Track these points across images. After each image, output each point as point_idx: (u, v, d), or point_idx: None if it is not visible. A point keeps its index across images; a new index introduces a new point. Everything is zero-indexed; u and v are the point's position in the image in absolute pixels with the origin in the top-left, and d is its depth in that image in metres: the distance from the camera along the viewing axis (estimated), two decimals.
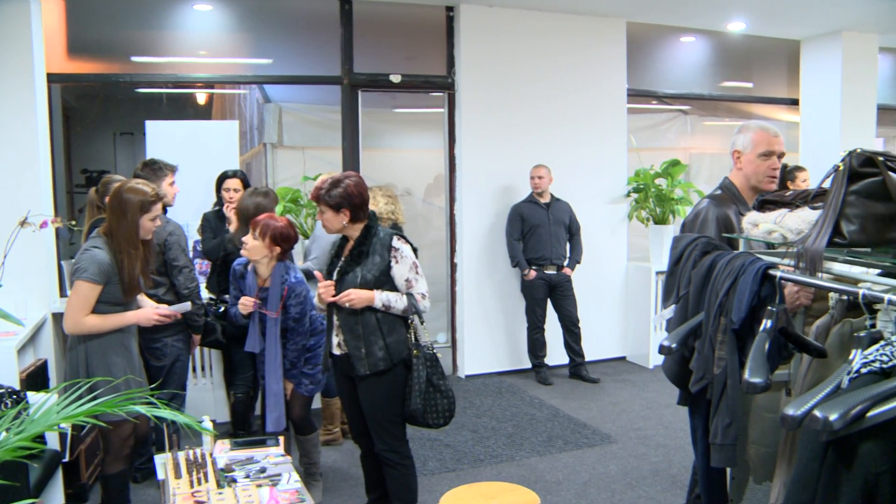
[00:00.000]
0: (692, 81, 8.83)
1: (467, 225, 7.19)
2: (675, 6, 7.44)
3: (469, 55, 7.07)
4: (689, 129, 9.37)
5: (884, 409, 1.59)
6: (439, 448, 5.35)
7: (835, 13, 7.92)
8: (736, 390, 2.29)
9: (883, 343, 1.86)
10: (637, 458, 5.18)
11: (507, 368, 7.40)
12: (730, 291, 2.25)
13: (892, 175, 2.11)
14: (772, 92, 9.53)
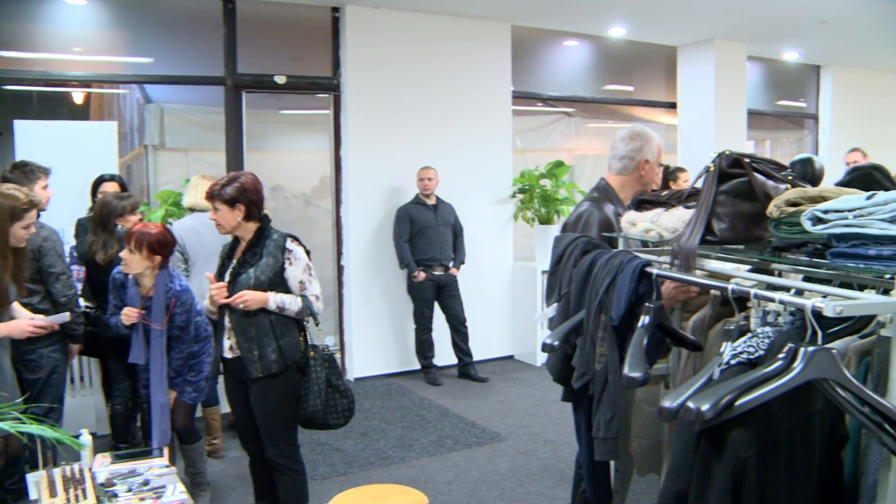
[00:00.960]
0: (576, 84, 9.04)
1: (354, 227, 7.15)
2: (558, 11, 7.60)
3: (355, 57, 7.04)
4: (573, 131, 9.58)
5: (750, 398, 1.66)
6: (329, 452, 5.31)
7: (707, 22, 8.28)
8: (617, 385, 2.35)
9: (750, 335, 1.95)
10: (526, 455, 5.27)
11: (396, 370, 7.40)
12: (609, 289, 2.32)
13: (758, 176, 2.21)
14: (651, 95, 9.87)
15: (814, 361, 1.68)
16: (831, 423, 1.96)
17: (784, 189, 2.21)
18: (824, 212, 1.89)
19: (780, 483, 1.85)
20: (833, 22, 8.30)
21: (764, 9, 7.70)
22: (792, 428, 1.86)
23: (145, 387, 4.09)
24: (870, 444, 1.90)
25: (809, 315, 1.69)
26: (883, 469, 1.81)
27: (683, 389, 1.78)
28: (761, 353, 1.90)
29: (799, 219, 1.96)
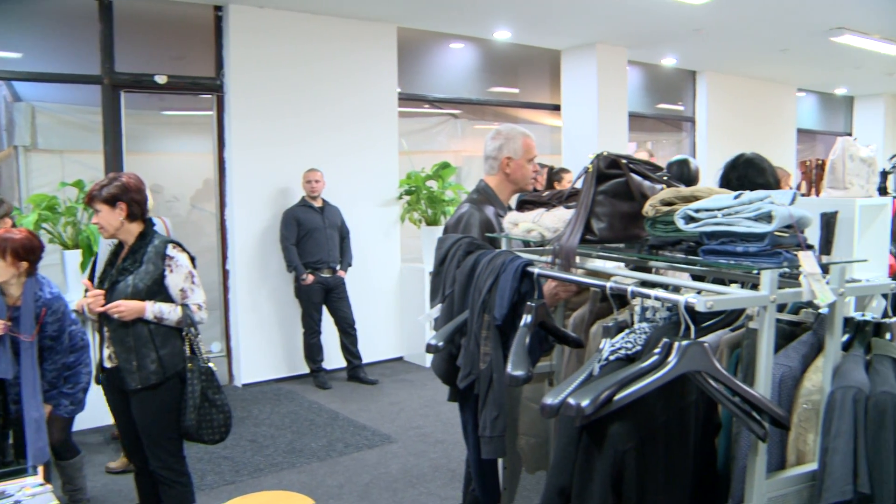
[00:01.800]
0: (462, 86, 9.12)
1: (239, 230, 7.01)
2: (444, 14, 7.65)
3: (239, 57, 6.90)
4: (460, 133, 9.66)
5: (628, 392, 1.70)
6: (217, 461, 5.18)
7: (589, 27, 8.49)
8: (501, 384, 2.38)
9: (628, 331, 2.01)
10: (417, 456, 5.28)
11: (285, 375, 7.30)
12: (492, 289, 2.34)
13: (634, 177, 2.28)
14: (536, 98, 10.05)
15: (687, 355, 1.74)
16: (705, 413, 2.04)
17: (659, 189, 2.28)
18: (696, 211, 1.96)
19: (658, 473, 1.91)
20: (707, 30, 8.65)
21: (643, 16, 7.95)
22: (668, 419, 1.92)
23: (15, 402, 3.86)
24: (740, 431, 1.99)
25: (682, 310, 1.75)
26: (751, 454, 1.90)
27: (564, 386, 1.81)
28: (638, 348, 1.96)
29: (673, 218, 2.03)
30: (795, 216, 1.87)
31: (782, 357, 2.04)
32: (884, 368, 1.95)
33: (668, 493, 1.94)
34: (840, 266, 1.95)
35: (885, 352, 2.00)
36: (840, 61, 10.74)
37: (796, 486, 2.00)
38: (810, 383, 2.03)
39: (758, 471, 1.90)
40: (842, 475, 1.85)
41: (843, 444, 1.86)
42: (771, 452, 2.01)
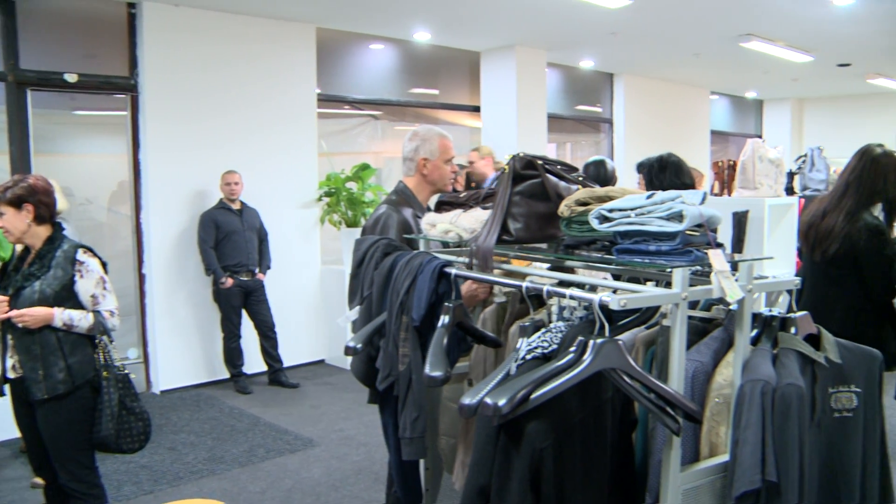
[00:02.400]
0: (382, 88, 9.09)
1: (155, 233, 6.84)
2: (363, 14, 7.62)
3: (153, 56, 6.74)
4: (380, 134, 9.63)
5: (545, 391, 1.72)
6: (135, 470, 5.05)
7: (508, 29, 8.56)
8: (420, 385, 2.38)
9: (544, 331, 2.03)
10: (339, 459, 5.24)
11: (205, 380, 7.15)
12: (410, 290, 2.33)
13: (550, 177, 2.30)
14: (456, 99, 10.09)
15: (602, 353, 1.76)
16: (622, 410, 2.08)
17: (575, 189, 2.31)
18: (610, 211, 2.00)
19: (576, 469, 1.93)
20: (623, 34, 8.81)
21: (561, 19, 8.05)
22: (585, 416, 1.94)
23: None
24: (655, 426, 2.03)
25: (597, 309, 1.77)
26: (666, 448, 1.94)
27: (482, 386, 1.82)
28: (555, 347, 1.98)
29: (587, 218, 2.05)
30: (705, 215, 1.92)
31: (694, 353, 2.09)
32: (789, 361, 2.02)
33: (587, 489, 1.96)
34: (748, 263, 2.01)
35: (791, 345, 2.06)
36: (750, 66, 11.09)
37: (709, 477, 2.05)
38: (721, 378, 2.09)
39: (672, 464, 1.94)
40: (751, 465, 1.91)
41: (752, 436, 1.92)
42: (685, 446, 2.05)
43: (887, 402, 3.75)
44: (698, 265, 1.95)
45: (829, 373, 2.12)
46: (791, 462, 1.92)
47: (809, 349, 2.08)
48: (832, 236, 3.68)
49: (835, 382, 2.15)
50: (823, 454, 2.13)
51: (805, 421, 1.98)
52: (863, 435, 2.22)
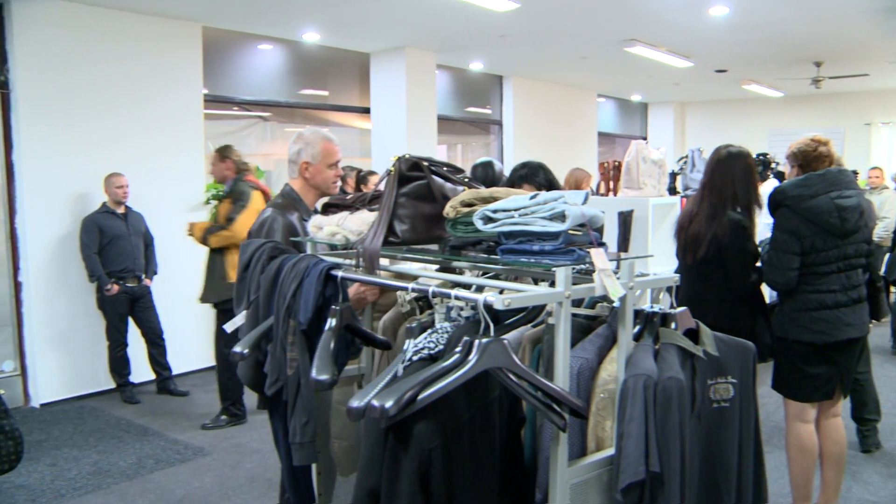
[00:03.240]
0: (271, 89, 8.96)
1: (32, 239, 6.54)
2: (250, 14, 7.49)
3: (26, 53, 6.43)
4: (269, 136, 9.49)
5: (432, 391, 1.72)
6: (10, 491, 4.80)
7: (398, 31, 8.57)
8: (309, 389, 2.35)
9: (430, 331, 2.03)
10: (232, 468, 5.13)
11: (89, 391, 6.88)
12: (296, 293, 2.30)
13: (436, 178, 2.31)
14: (346, 100, 10.04)
15: (487, 352, 1.77)
16: (509, 408, 2.10)
17: (461, 191, 2.32)
18: (494, 211, 2.01)
19: (466, 468, 1.94)
20: (511, 37, 8.95)
21: (451, 21, 8.11)
22: (473, 415, 1.96)
23: None
24: (544, 423, 2.06)
25: (482, 309, 1.79)
26: (553, 444, 1.97)
27: (370, 388, 1.81)
28: (441, 347, 1.98)
29: (472, 218, 2.07)
30: (587, 215, 1.95)
31: (579, 350, 2.13)
32: (670, 356, 2.08)
33: (476, 487, 1.98)
34: (629, 261, 2.06)
35: (671, 340, 2.13)
36: (634, 70, 11.43)
37: (597, 470, 2.09)
38: (606, 373, 2.13)
39: (560, 459, 1.97)
40: (635, 457, 1.95)
41: (636, 429, 1.97)
42: (572, 441, 2.09)
43: (762, 392, 3.93)
44: (581, 264, 1.99)
45: (708, 365, 2.20)
46: (673, 452, 1.98)
47: (689, 343, 2.15)
48: (700, 240, 3.88)
49: (713, 374, 2.23)
50: (703, 443, 2.21)
51: (685, 412, 2.04)
52: (739, 423, 2.31)
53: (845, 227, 3.60)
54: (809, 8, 7.64)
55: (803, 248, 3.62)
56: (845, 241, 3.65)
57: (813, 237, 3.60)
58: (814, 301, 3.67)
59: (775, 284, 3.71)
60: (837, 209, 3.59)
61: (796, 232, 3.61)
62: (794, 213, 3.62)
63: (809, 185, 3.64)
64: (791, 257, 3.63)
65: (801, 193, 3.62)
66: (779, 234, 3.68)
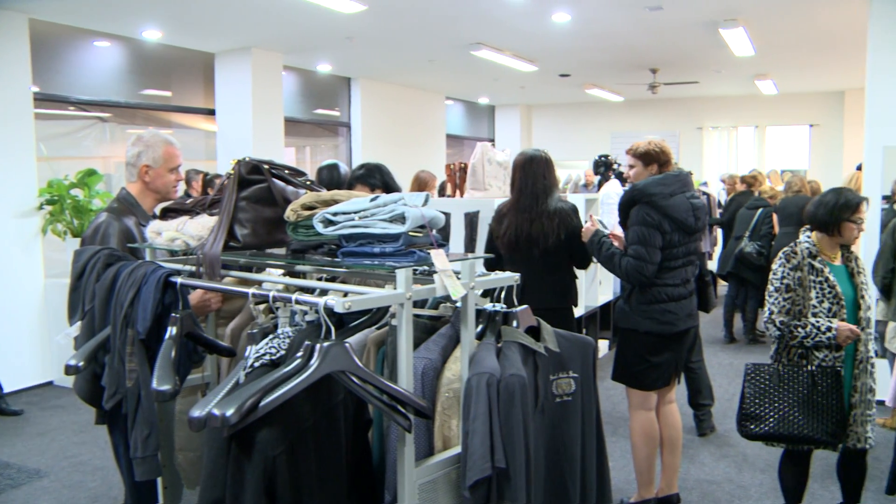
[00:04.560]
0: (110, 88, 8.59)
1: None
2: (81, 6, 7.14)
3: None
4: (109, 137, 9.08)
5: (273, 398, 1.70)
6: None
7: (243, 31, 8.41)
8: (150, 400, 2.28)
9: (271, 337, 2.01)
10: (72, 489, 4.88)
11: None
12: (134, 301, 2.23)
13: (277, 182, 2.29)
14: (190, 101, 9.77)
15: (329, 356, 1.77)
16: (355, 411, 2.10)
17: (302, 194, 2.31)
18: (334, 214, 2.01)
19: (311, 474, 1.93)
20: (359, 39, 8.95)
21: (297, 22, 8.03)
22: (318, 420, 1.95)
23: None
24: (390, 424, 2.07)
25: (322, 312, 1.78)
26: (399, 445, 1.98)
27: (211, 397, 1.77)
28: (283, 352, 1.96)
29: (312, 222, 2.06)
30: (427, 217, 1.98)
31: (423, 350, 2.16)
32: (512, 353, 2.13)
33: (324, 492, 1.97)
34: (470, 261, 2.10)
35: (513, 338, 2.18)
36: (481, 73, 11.66)
37: (444, 469, 2.12)
38: (450, 373, 2.17)
39: (406, 460, 1.99)
40: (481, 454, 1.99)
41: (481, 426, 2.01)
42: (419, 441, 2.11)
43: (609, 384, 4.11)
44: (423, 265, 2.01)
45: (549, 361, 2.27)
46: (518, 448, 2.03)
47: (530, 340, 2.21)
48: (546, 234, 4.04)
49: (555, 370, 2.31)
50: (548, 437, 2.28)
51: (528, 408, 2.10)
52: (582, 416, 2.39)
53: (697, 225, 3.88)
54: (645, 19, 8.04)
55: (663, 243, 3.81)
56: (691, 238, 3.89)
57: (672, 233, 3.81)
58: (662, 294, 3.87)
59: (641, 277, 3.84)
60: (692, 208, 3.82)
61: (659, 227, 3.79)
62: (657, 210, 3.80)
63: (668, 183, 3.84)
64: (657, 251, 3.81)
65: (662, 191, 3.81)
66: (643, 230, 3.81)
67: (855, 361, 3.58)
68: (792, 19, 8.15)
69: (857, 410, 3.56)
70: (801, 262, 3.59)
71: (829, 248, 3.65)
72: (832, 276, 3.55)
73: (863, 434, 3.57)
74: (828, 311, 3.52)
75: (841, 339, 3.45)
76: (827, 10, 7.66)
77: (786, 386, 3.51)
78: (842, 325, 3.45)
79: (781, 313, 3.57)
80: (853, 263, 3.67)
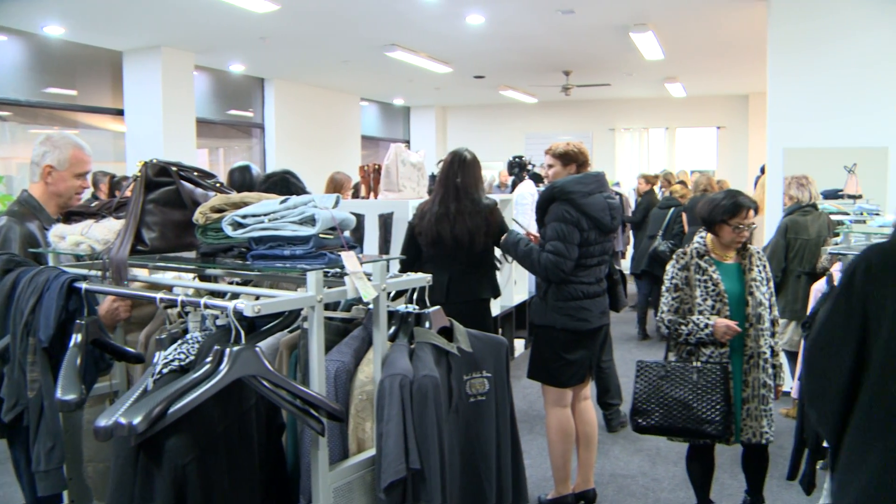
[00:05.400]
0: (9, 86, 8.28)
1: None
2: None
3: None
4: (8, 137, 8.76)
5: (182, 404, 1.67)
6: None
7: (152, 28, 8.21)
8: (54, 411, 2.20)
9: (180, 342, 1.97)
10: None
11: None
12: (36, 308, 2.15)
13: (185, 184, 2.24)
14: (97, 101, 9.50)
15: (239, 360, 1.75)
16: (268, 416, 2.08)
17: (212, 196, 2.27)
18: (243, 217, 1.99)
19: (223, 480, 1.90)
20: (272, 39, 8.83)
21: (208, 21, 7.88)
22: (229, 426, 1.92)
23: None
24: (304, 428, 2.06)
25: (232, 316, 1.76)
26: (313, 449, 1.97)
27: (118, 405, 1.74)
28: (192, 358, 1.93)
29: (221, 224, 2.03)
30: (338, 218, 1.98)
31: (335, 353, 2.15)
32: (424, 354, 2.15)
33: (236, 499, 1.95)
34: (381, 263, 2.10)
35: (426, 339, 2.20)
36: (396, 74, 11.65)
37: (359, 472, 2.12)
38: (363, 375, 2.17)
39: (320, 464, 1.98)
40: (395, 456, 2.00)
41: (394, 428, 2.01)
42: (333, 445, 2.11)
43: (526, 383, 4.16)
44: (333, 267, 2.00)
45: (463, 361, 2.29)
46: (432, 448, 2.05)
47: (443, 341, 2.23)
48: (469, 231, 4.09)
49: (468, 370, 2.33)
50: (463, 437, 2.30)
51: (442, 409, 2.11)
52: (496, 415, 2.42)
53: (613, 224, 3.96)
54: (558, 22, 8.16)
55: (580, 240, 3.87)
56: (606, 237, 3.96)
57: (589, 231, 3.87)
58: (578, 291, 3.93)
59: (559, 274, 3.86)
60: (609, 208, 3.90)
61: (578, 225, 3.84)
62: (576, 208, 3.85)
63: (587, 182, 3.90)
64: (576, 248, 3.86)
65: (581, 190, 3.86)
66: (562, 226, 3.84)
67: (744, 357, 3.64)
68: (698, 25, 8.40)
69: (751, 405, 3.63)
70: (689, 261, 3.70)
71: (720, 247, 3.74)
72: (716, 275, 3.63)
73: (758, 429, 3.63)
74: (711, 309, 3.59)
75: (718, 335, 3.53)
76: (730, 16, 7.92)
77: (671, 382, 3.58)
78: (719, 321, 3.53)
79: (670, 312, 3.67)
80: (747, 261, 3.72)
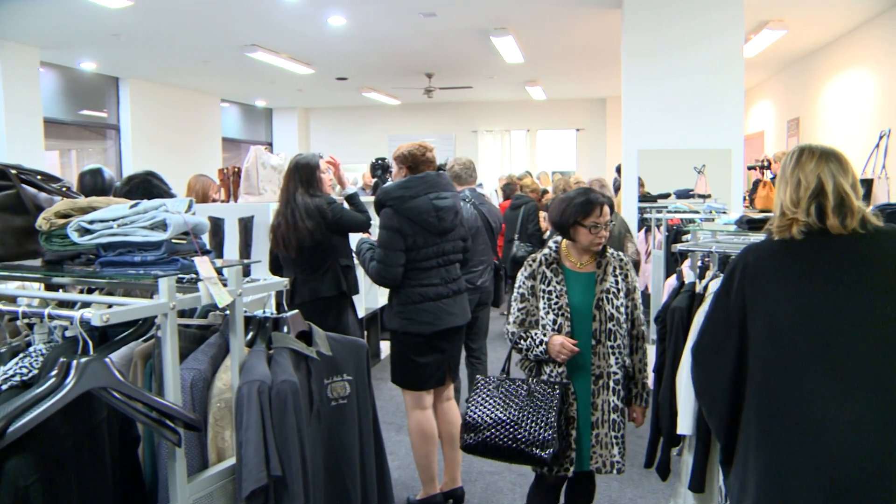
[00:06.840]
0: None
1: None
2: None
3: None
4: None
5: (24, 422, 1.58)
6: None
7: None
8: None
9: (22, 356, 1.87)
10: None
11: None
12: None
13: (27, 188, 2.14)
14: None
15: (87, 373, 1.68)
16: (121, 429, 2.00)
17: (57, 201, 2.17)
18: (90, 222, 1.91)
19: (73, 500, 1.81)
20: (126, 36, 8.52)
21: (54, 15, 7.54)
22: (79, 442, 1.83)
23: None
24: (160, 440, 1.99)
25: (79, 326, 1.69)
26: (170, 461, 1.92)
27: None
28: (35, 372, 1.84)
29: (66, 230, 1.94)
30: (191, 223, 1.93)
31: (191, 361, 2.09)
32: (283, 359, 2.12)
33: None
34: (236, 268, 2.06)
35: (284, 344, 2.17)
36: (257, 75, 11.47)
37: (220, 482, 2.07)
38: (221, 382, 2.12)
39: (178, 475, 1.92)
40: (256, 464, 1.96)
41: (254, 435, 1.98)
42: (191, 455, 2.05)
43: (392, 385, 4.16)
44: (187, 273, 1.95)
45: (323, 365, 2.27)
46: (293, 454, 2.02)
47: (301, 346, 2.20)
48: (300, 232, 4.21)
49: (329, 373, 2.31)
50: (325, 441, 2.28)
51: (302, 414, 2.09)
52: (358, 418, 2.42)
53: (442, 225, 3.93)
54: (420, 25, 8.22)
55: (407, 245, 3.88)
56: (443, 238, 3.97)
57: (415, 235, 3.87)
58: (417, 294, 3.93)
59: (385, 280, 3.92)
60: (435, 209, 3.90)
61: (400, 230, 3.85)
62: (396, 213, 3.87)
63: (411, 186, 3.90)
64: (398, 254, 3.86)
65: (403, 195, 3.87)
66: (385, 233, 3.88)
67: (592, 377, 3.17)
68: (556, 30, 8.64)
69: (600, 430, 3.16)
70: (536, 269, 3.26)
71: (576, 253, 3.27)
72: (561, 286, 3.19)
73: (609, 458, 3.16)
74: (553, 324, 3.16)
75: (553, 354, 3.10)
76: (586, 22, 8.19)
77: (503, 398, 3.14)
78: (554, 338, 3.10)
79: (514, 324, 3.26)
80: (601, 270, 3.23)
